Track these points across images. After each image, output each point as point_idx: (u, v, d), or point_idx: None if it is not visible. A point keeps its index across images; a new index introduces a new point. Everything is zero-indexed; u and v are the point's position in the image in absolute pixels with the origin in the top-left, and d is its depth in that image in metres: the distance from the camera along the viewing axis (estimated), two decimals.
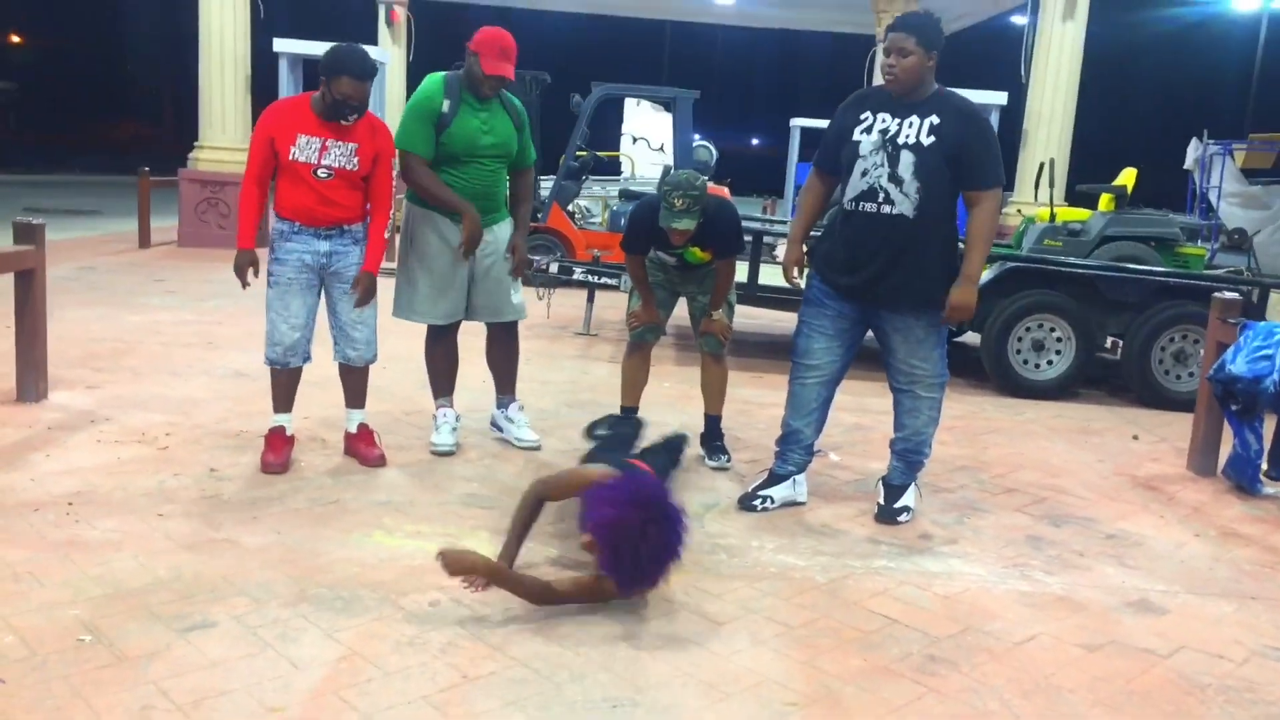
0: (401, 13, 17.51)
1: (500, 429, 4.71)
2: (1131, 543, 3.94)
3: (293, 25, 14.02)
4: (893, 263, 3.78)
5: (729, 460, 4.59)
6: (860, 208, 3.81)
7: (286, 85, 11.85)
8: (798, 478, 4.13)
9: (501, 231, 4.45)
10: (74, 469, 3.96)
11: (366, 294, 4.10)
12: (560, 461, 4.42)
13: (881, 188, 3.75)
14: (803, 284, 4.16)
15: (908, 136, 3.72)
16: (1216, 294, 4.91)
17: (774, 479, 4.11)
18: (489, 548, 3.40)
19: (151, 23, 37.89)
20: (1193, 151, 14.65)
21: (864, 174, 3.79)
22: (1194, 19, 26.40)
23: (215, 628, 2.75)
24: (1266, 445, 4.70)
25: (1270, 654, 3.03)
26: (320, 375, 4.68)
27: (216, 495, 3.78)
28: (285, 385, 4.20)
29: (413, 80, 17.56)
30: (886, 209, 3.76)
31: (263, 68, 12.48)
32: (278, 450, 4.11)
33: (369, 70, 3.89)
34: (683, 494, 4.14)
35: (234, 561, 3.19)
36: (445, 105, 4.19)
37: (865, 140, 3.79)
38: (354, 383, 4.33)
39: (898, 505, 4.02)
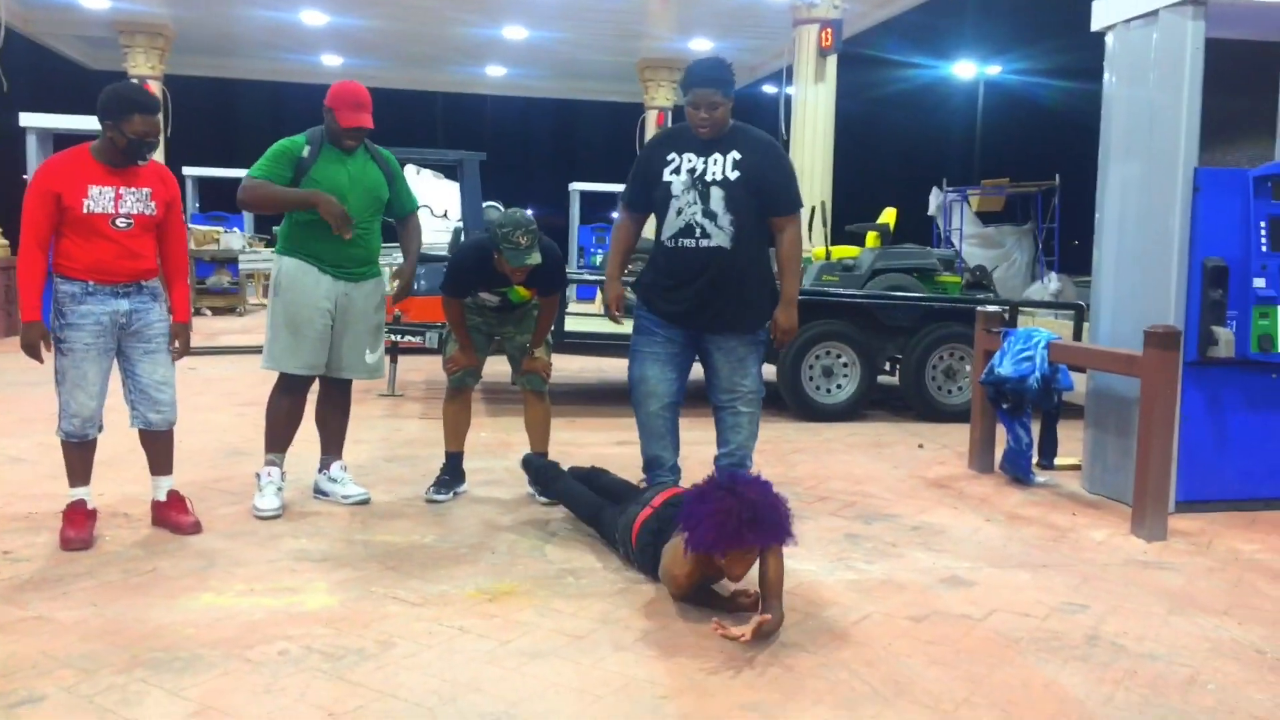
0: (156, 86, 16.78)
1: (325, 492, 4.52)
2: (934, 531, 4.30)
3: (37, 99, 13.15)
4: (715, 291, 4.04)
5: None
6: (680, 244, 4.06)
7: (35, 159, 11.09)
8: None
9: (367, 288, 4.36)
10: None
11: (185, 346, 3.96)
12: (391, 511, 4.36)
13: (698, 223, 4.01)
14: (624, 321, 4.35)
15: (714, 174, 3.99)
16: (980, 308, 5.47)
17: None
18: (329, 599, 3.32)
19: None
20: (934, 198, 16.16)
21: (679, 212, 4.04)
22: (925, 81, 29.27)
23: (44, 701, 2.55)
24: (1036, 439, 5.24)
25: (1066, 609, 3.39)
26: (109, 453, 4.40)
27: (15, 577, 3.47)
28: (83, 457, 3.94)
29: (172, 156, 16.81)
30: (705, 242, 4.02)
31: (7, 143, 11.63)
32: (79, 525, 3.82)
33: (156, 103, 3.83)
34: (520, 529, 4.18)
35: (50, 637, 2.95)
36: (306, 151, 4.15)
37: (675, 180, 4.04)
38: (159, 449, 4.09)
39: None
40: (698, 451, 5.00)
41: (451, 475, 4.65)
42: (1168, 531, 4.26)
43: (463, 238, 10.39)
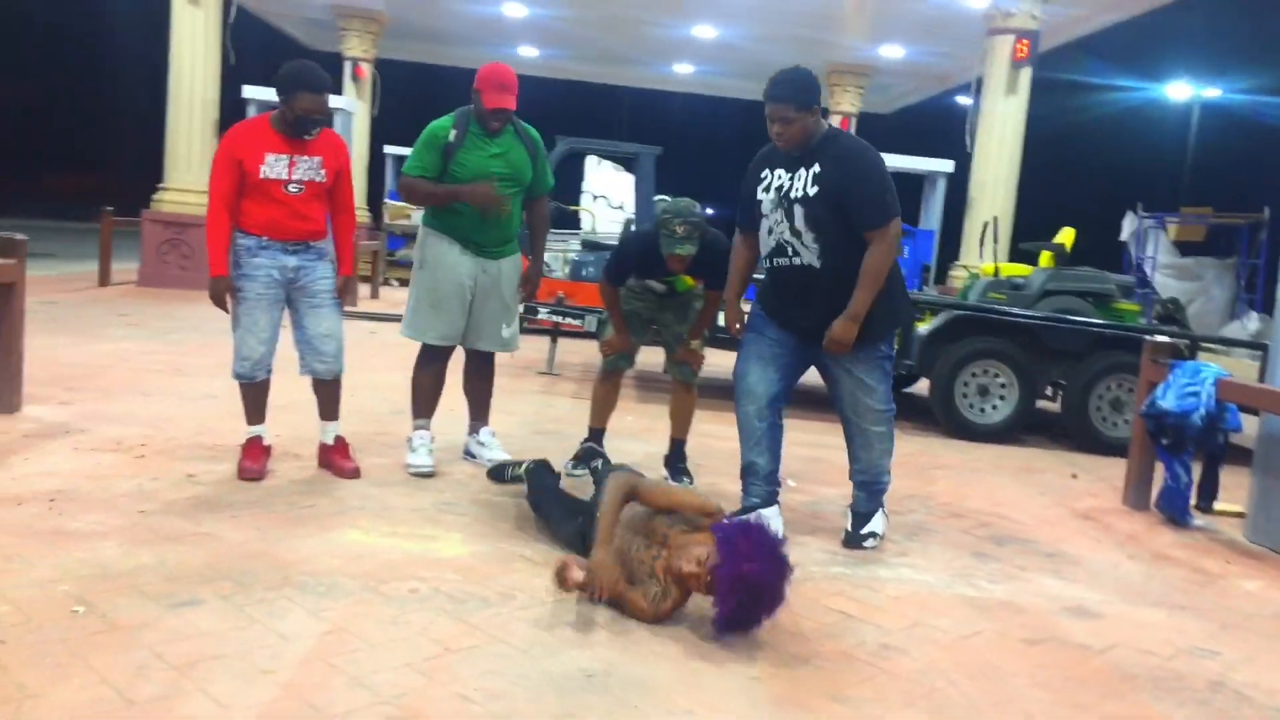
0: (367, 69, 17.85)
1: (473, 454, 4.79)
2: (1069, 561, 4.17)
3: (262, 73, 14.25)
4: (815, 309, 3.87)
5: (692, 482, 4.77)
6: (775, 263, 3.95)
7: None
8: (763, 511, 4.03)
9: (506, 265, 4.56)
10: (54, 471, 4.04)
11: (349, 296, 4.26)
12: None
13: (787, 242, 3.86)
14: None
15: (797, 190, 3.80)
16: (1148, 338, 5.24)
17: (741, 513, 4.11)
18: (463, 549, 3.54)
19: (109, 73, 37.99)
20: (1128, 224, 15.34)
21: (770, 231, 3.91)
22: (1129, 103, 27.74)
23: (203, 605, 2.86)
24: (1196, 479, 4.98)
25: (1197, 652, 3.25)
26: (285, 399, 4.80)
27: (195, 497, 3.87)
28: (257, 398, 4.30)
29: (376, 134, 17.85)
30: (796, 260, 3.86)
31: (229, 113, 12.67)
32: (255, 457, 4.21)
33: (324, 83, 4.07)
34: None
35: (216, 552, 3.29)
36: (452, 135, 4.34)
37: (765, 199, 3.91)
38: (326, 395, 4.42)
39: (864, 531, 4.08)
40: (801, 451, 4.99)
41: (590, 451, 4.83)
42: None
43: (632, 228, 10.66)
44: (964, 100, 14.36)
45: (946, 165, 12.43)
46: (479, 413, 4.82)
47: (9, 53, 37.68)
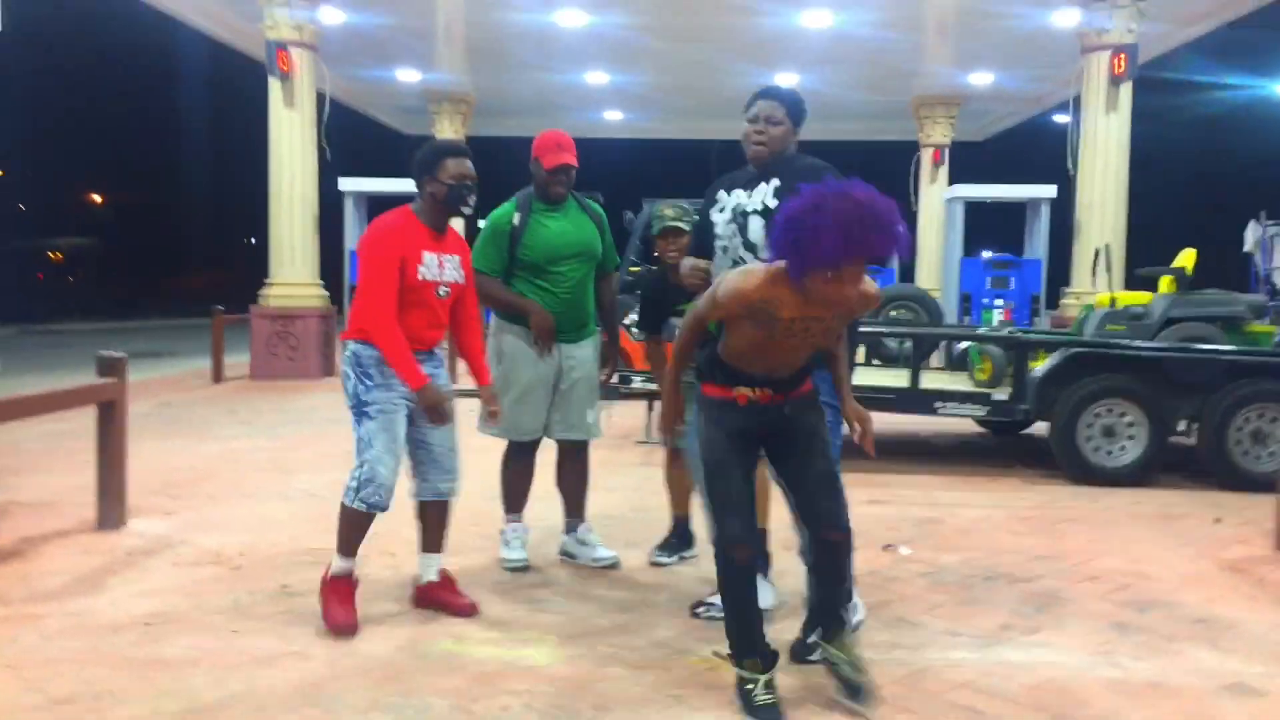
0: None
1: (573, 555, 4.52)
2: (1223, 626, 3.77)
3: (358, 166, 14.75)
4: None
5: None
6: None
7: (353, 221, 12.35)
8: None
9: (586, 349, 4.39)
10: (152, 591, 4.04)
11: (492, 405, 3.95)
12: (638, 572, 4.39)
13: (740, 259, 3.51)
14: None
15: (754, 204, 3.53)
16: None
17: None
18: (558, 653, 3.38)
19: (219, 177, 40.13)
20: (1251, 233, 14.48)
21: (725, 250, 3.59)
22: (1241, 101, 26.43)
23: None
24: None
25: None
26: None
27: (289, 610, 3.82)
28: (366, 529, 3.70)
29: (480, 209, 18.19)
30: None
31: (328, 208, 13.07)
32: (348, 601, 3.65)
33: (464, 147, 3.73)
34: None
35: (305, 674, 3.20)
36: (516, 218, 4.23)
37: (719, 219, 3.62)
38: (437, 521, 3.87)
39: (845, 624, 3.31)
40: None
41: (678, 538, 4.59)
42: None
43: None
44: (1062, 119, 13.86)
45: (1049, 191, 11.99)
46: (575, 508, 4.56)
47: (125, 159, 40.16)
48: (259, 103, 12.73)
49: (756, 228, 3.50)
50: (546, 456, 4.54)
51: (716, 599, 3.57)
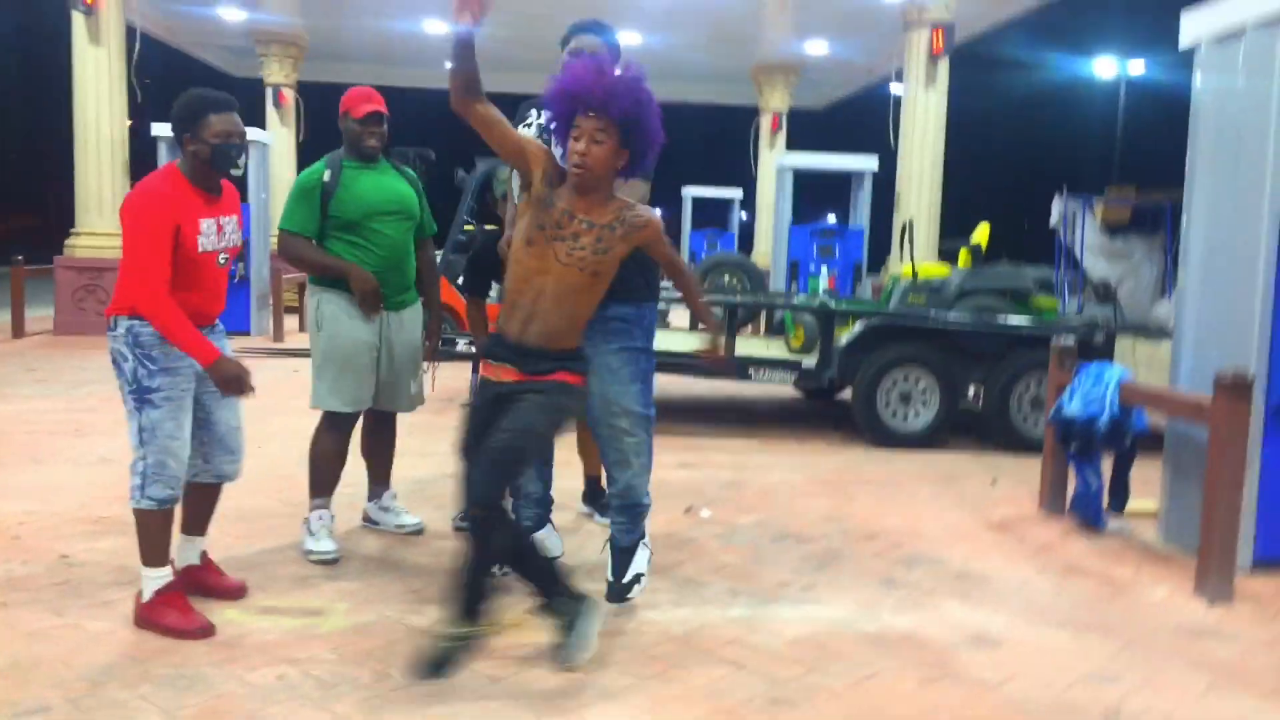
0: (290, 94, 17.57)
1: (376, 521, 4.48)
2: (978, 581, 4.12)
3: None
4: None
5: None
6: None
7: None
8: (536, 535, 3.88)
9: (410, 316, 4.27)
10: None
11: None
12: (441, 538, 4.42)
13: None
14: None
15: None
16: (1054, 341, 5.21)
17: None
18: (344, 622, 3.40)
19: (24, 116, 37.25)
20: (1056, 207, 15.44)
21: None
22: (1058, 81, 28.04)
23: (50, 712, 2.70)
24: (1107, 482, 4.97)
25: (1094, 679, 3.19)
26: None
27: (66, 582, 3.69)
28: (169, 527, 3.38)
29: (302, 161, 17.56)
30: None
31: (140, 153, 12.35)
32: (188, 608, 3.31)
33: (232, 100, 3.35)
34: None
35: (76, 647, 3.13)
36: (326, 175, 4.06)
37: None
38: (208, 504, 3.61)
39: (628, 578, 3.64)
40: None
41: (593, 495, 4.71)
42: (1235, 594, 3.97)
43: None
44: (898, 90, 14.42)
45: (870, 163, 12.46)
46: (381, 476, 4.51)
47: None
48: (65, 37, 11.88)
49: None
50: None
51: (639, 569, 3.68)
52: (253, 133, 12.82)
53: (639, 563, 3.68)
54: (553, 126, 3.05)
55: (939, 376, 6.75)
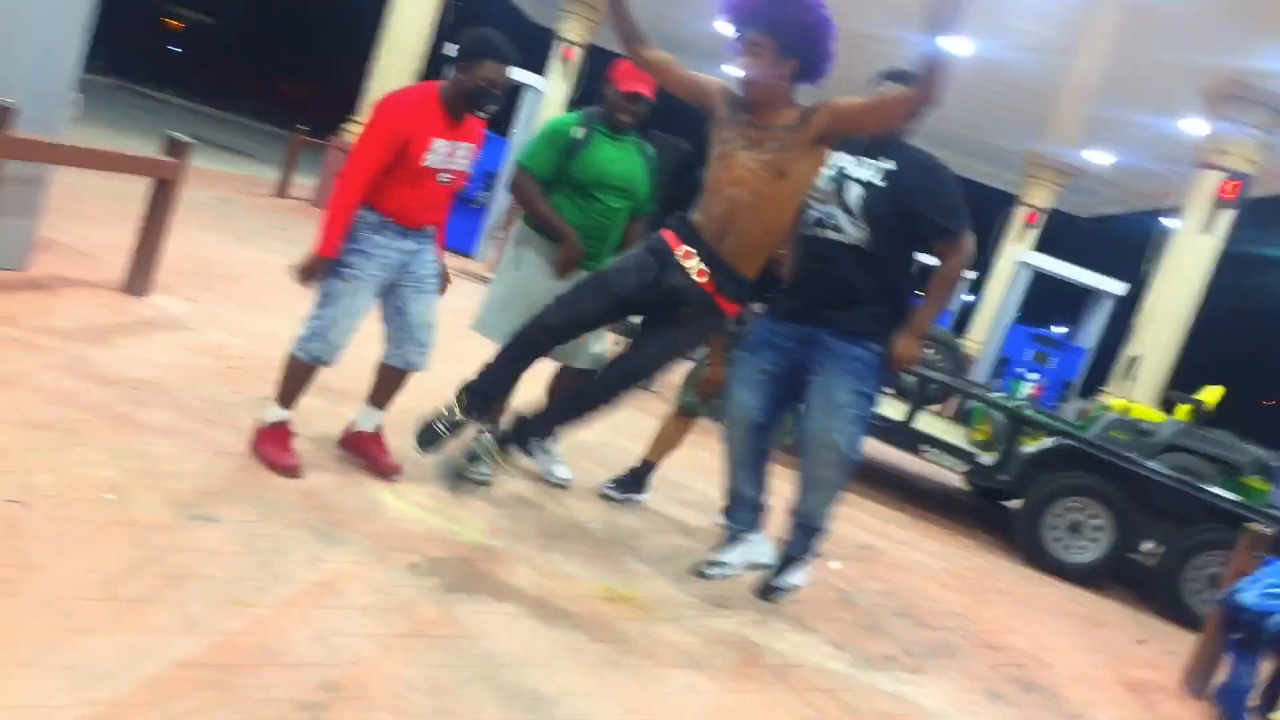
0: (577, 52, 18.32)
1: (533, 458, 4.51)
2: None
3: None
4: (830, 286, 3.67)
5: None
6: (809, 233, 3.72)
7: None
8: (750, 537, 3.96)
9: None
10: (150, 360, 4.34)
11: (448, 278, 3.97)
12: (581, 493, 4.62)
13: (831, 214, 3.66)
14: None
15: (860, 175, 3.65)
16: (1249, 524, 4.90)
17: (729, 541, 4.00)
18: (480, 539, 3.63)
19: (343, 5, 40.27)
20: None
21: (817, 202, 3.70)
22: None
23: (219, 524, 3.04)
24: (1261, 682, 4.64)
25: None
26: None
27: (263, 420, 4.08)
28: (308, 381, 3.72)
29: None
30: (834, 236, 3.66)
31: (433, 67, 13.24)
32: (288, 447, 3.68)
33: (514, 55, 3.64)
34: (683, 552, 4.31)
35: (255, 478, 3.48)
36: (579, 133, 4.19)
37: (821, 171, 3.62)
38: (393, 384, 3.95)
39: (780, 583, 3.84)
40: None
41: (635, 481, 4.79)
42: None
43: None
44: (1172, 224, 13.68)
45: (1117, 286, 11.89)
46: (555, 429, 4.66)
47: None
48: None
49: (854, 195, 3.65)
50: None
51: (727, 558, 3.89)
52: (533, 78, 13.50)
53: (797, 576, 3.86)
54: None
55: (1118, 518, 6.43)
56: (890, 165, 3.67)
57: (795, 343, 3.76)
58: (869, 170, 3.68)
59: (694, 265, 3.26)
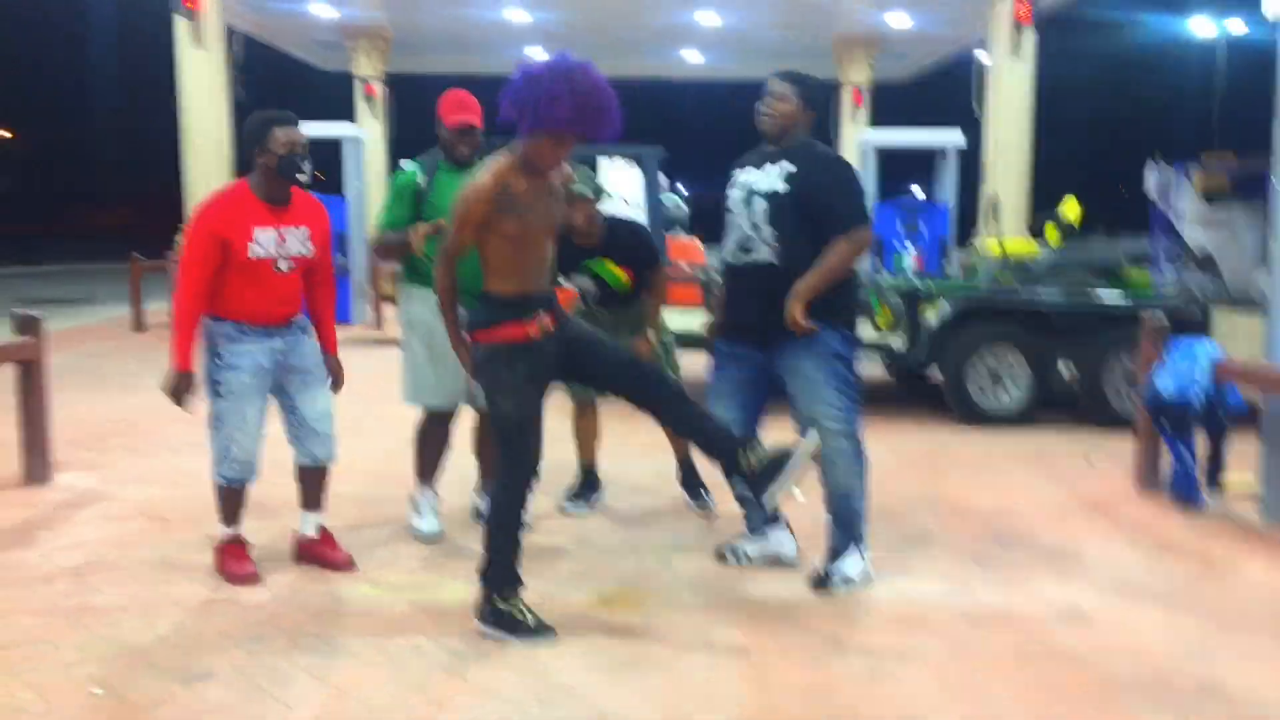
0: (378, 87, 18.02)
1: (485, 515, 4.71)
2: (1072, 559, 4.20)
3: (272, 104, 14.43)
4: (763, 308, 3.78)
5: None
6: (734, 260, 3.88)
7: None
8: (773, 533, 4.09)
9: None
10: (81, 543, 4.23)
11: (341, 377, 3.99)
12: (542, 513, 4.67)
13: (747, 235, 3.81)
14: None
15: (762, 186, 3.79)
16: (1145, 317, 5.23)
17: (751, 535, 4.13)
18: (466, 596, 3.67)
19: (130, 116, 38.89)
20: (1150, 175, 15.07)
21: (734, 225, 3.87)
22: (1151, 44, 27.10)
23: (215, 677, 3.02)
24: (1202, 459, 4.97)
25: (1188, 655, 3.28)
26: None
27: (216, 539, 4.01)
28: (240, 499, 3.86)
29: (393, 155, 18.01)
30: (753, 258, 3.79)
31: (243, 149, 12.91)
32: (243, 560, 3.84)
33: (293, 116, 3.70)
34: (650, 540, 4.41)
35: (231, 619, 3.45)
36: (421, 180, 4.19)
37: (733, 195, 3.88)
38: (316, 482, 3.99)
39: (830, 570, 3.83)
40: None
41: (587, 486, 4.88)
42: None
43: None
44: (983, 58, 14.16)
45: (955, 137, 12.33)
46: (490, 472, 4.57)
47: (31, 96, 38.45)
48: (166, 39, 12.46)
49: (760, 210, 3.77)
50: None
51: (750, 551, 4.04)
52: (347, 128, 13.29)
53: (848, 565, 3.82)
54: (538, 117, 3.15)
55: (1029, 354, 6.76)
56: (791, 167, 3.76)
57: (751, 348, 3.90)
58: (771, 177, 3.79)
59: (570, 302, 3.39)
